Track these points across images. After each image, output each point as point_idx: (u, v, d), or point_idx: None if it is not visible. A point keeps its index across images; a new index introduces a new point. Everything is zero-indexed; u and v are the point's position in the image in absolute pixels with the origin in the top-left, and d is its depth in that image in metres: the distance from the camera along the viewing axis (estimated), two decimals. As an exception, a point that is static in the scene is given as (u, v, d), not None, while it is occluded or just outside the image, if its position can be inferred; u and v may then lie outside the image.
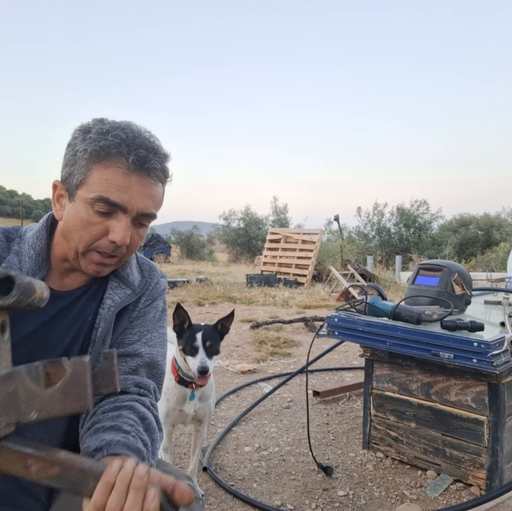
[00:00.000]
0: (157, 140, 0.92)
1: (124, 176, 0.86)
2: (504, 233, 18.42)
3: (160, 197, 0.94)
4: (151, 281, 1.04)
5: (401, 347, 1.90)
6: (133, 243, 0.91)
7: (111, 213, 0.87)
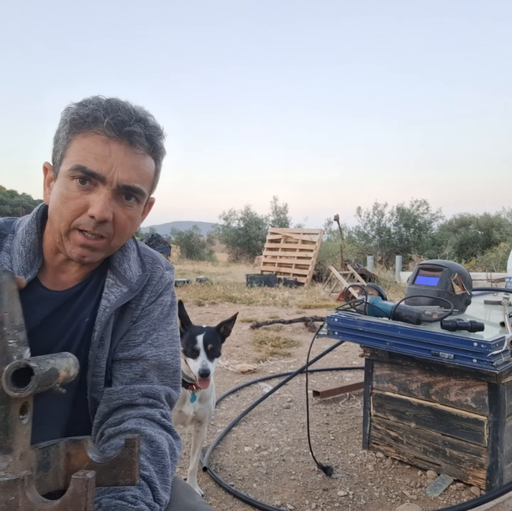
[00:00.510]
0: (149, 115, 0.84)
1: (103, 144, 0.78)
2: (504, 233, 18.42)
3: (148, 172, 0.84)
4: (154, 274, 0.94)
5: (401, 347, 1.90)
6: (119, 222, 0.82)
7: (91, 187, 0.79)
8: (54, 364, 0.56)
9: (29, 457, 0.59)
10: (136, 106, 0.83)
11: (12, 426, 0.55)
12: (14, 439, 0.56)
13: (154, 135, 0.83)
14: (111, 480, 0.63)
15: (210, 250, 24.94)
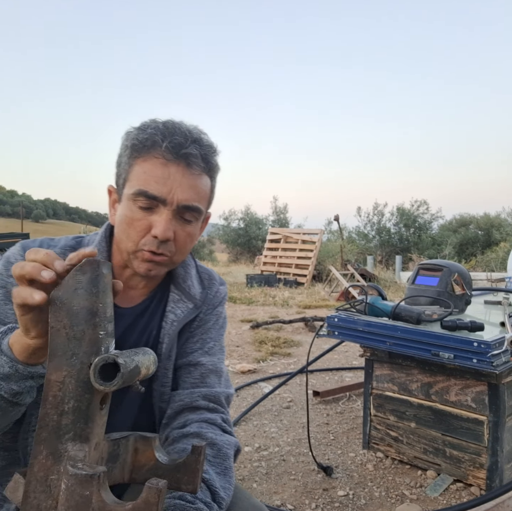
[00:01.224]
0: (202, 134, 0.87)
1: (162, 167, 0.82)
2: (504, 233, 18.43)
3: (205, 190, 0.88)
4: (211, 290, 1.01)
5: (401, 347, 1.90)
6: (180, 240, 0.86)
7: (153, 208, 0.83)
8: (138, 361, 0.57)
9: (102, 447, 0.60)
10: (191, 126, 0.87)
11: (92, 416, 0.56)
12: (93, 429, 0.56)
13: (209, 154, 0.86)
14: (174, 484, 0.63)
15: (210, 250, 24.95)
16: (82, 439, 0.55)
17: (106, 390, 0.53)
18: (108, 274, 0.60)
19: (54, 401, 0.55)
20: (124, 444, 0.64)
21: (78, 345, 0.55)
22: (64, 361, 0.55)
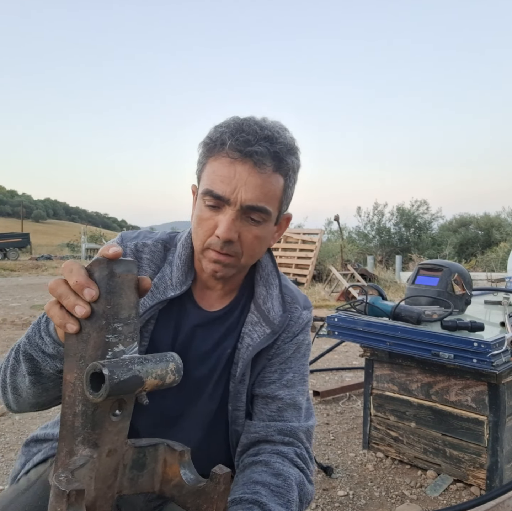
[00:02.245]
0: (281, 130, 0.82)
1: (229, 166, 0.79)
2: (504, 233, 18.45)
3: (274, 190, 0.82)
4: (292, 315, 0.94)
5: (401, 347, 1.90)
6: (246, 241, 0.82)
7: (219, 208, 0.81)
8: (138, 371, 0.52)
9: (122, 454, 0.58)
10: (270, 122, 0.83)
11: (100, 422, 0.54)
12: (101, 435, 0.54)
13: (281, 152, 0.81)
14: (194, 508, 0.60)
15: (210, 251, 24.92)
16: (90, 444, 0.54)
17: (94, 400, 0.50)
18: (123, 273, 0.56)
19: (69, 401, 0.54)
20: (152, 453, 0.62)
21: (85, 347, 0.54)
22: (74, 363, 0.54)
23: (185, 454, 0.62)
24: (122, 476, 0.59)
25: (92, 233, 34.91)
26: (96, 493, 0.55)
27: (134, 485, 0.60)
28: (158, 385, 0.54)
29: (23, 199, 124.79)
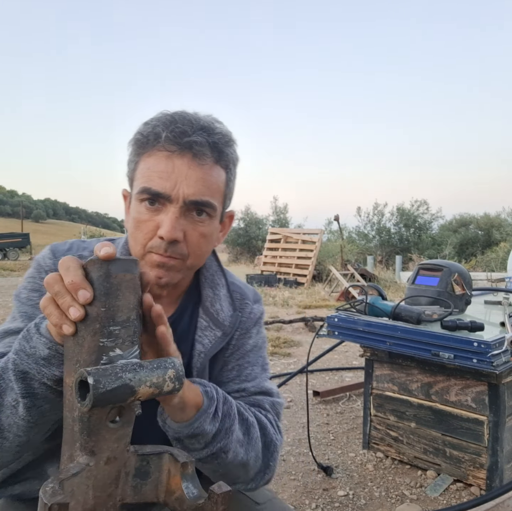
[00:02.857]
0: (216, 122, 0.78)
1: (166, 160, 0.74)
2: (504, 233, 18.45)
3: (217, 183, 0.78)
4: (243, 311, 0.91)
5: (401, 347, 1.90)
6: (192, 241, 0.77)
7: (160, 206, 0.75)
8: (130, 379, 0.49)
9: (123, 461, 0.56)
10: (203, 115, 0.78)
11: (96, 429, 0.52)
12: (98, 443, 0.53)
13: (220, 142, 0.77)
14: None
15: (210, 251, 24.91)
16: (86, 451, 0.53)
17: (81, 409, 0.48)
18: (120, 274, 0.53)
19: (69, 405, 0.53)
20: (156, 462, 0.59)
21: (80, 351, 0.52)
22: (72, 366, 0.53)
23: (189, 466, 0.58)
24: (124, 484, 0.57)
25: (92, 233, 34.93)
26: (95, 501, 0.53)
27: (138, 493, 0.58)
28: (155, 393, 0.51)
29: (23, 199, 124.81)
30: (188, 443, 0.73)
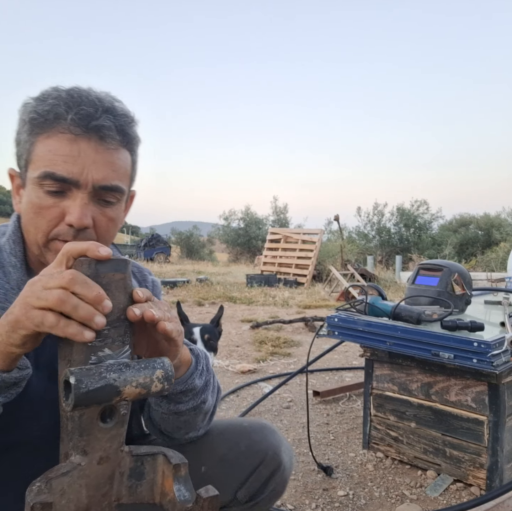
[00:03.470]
0: (116, 101, 0.76)
1: (70, 143, 0.70)
2: (504, 233, 18.44)
3: (125, 167, 0.77)
4: (146, 282, 0.93)
5: (401, 347, 1.90)
6: (101, 226, 0.75)
7: (65, 192, 0.72)
8: (114, 379, 0.49)
9: (117, 462, 0.56)
10: (101, 93, 0.75)
11: (87, 429, 0.52)
12: (90, 442, 0.53)
13: (125, 124, 0.76)
14: None
15: (210, 250, 24.97)
16: (78, 450, 0.53)
17: (66, 409, 0.48)
18: (109, 273, 0.54)
19: (62, 404, 0.52)
20: (151, 463, 0.59)
21: (70, 351, 0.53)
22: (64, 366, 0.53)
23: (181, 468, 0.58)
24: (119, 484, 0.57)
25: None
26: (89, 500, 0.53)
27: (133, 494, 0.59)
28: (142, 393, 0.52)
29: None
30: (177, 398, 0.77)
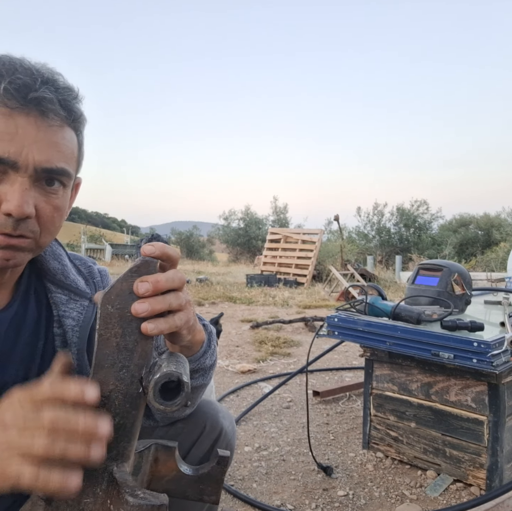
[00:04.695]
0: (56, 74, 0.66)
1: (5, 118, 0.60)
2: (504, 233, 18.45)
3: (71, 147, 0.68)
4: (93, 273, 0.85)
5: (401, 347, 1.90)
6: (45, 215, 0.66)
7: (0, 176, 0.62)
8: (180, 373, 0.49)
9: (132, 462, 0.56)
10: (37, 63, 0.65)
11: (135, 433, 0.52)
12: (133, 447, 0.53)
13: (69, 99, 0.66)
14: (196, 495, 0.61)
15: (210, 250, 24.99)
16: (124, 458, 0.51)
17: (166, 410, 0.48)
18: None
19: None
20: (146, 455, 0.61)
21: (130, 356, 0.50)
22: (112, 374, 0.50)
23: (176, 449, 0.63)
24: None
25: (92, 233, 34.92)
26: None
27: None
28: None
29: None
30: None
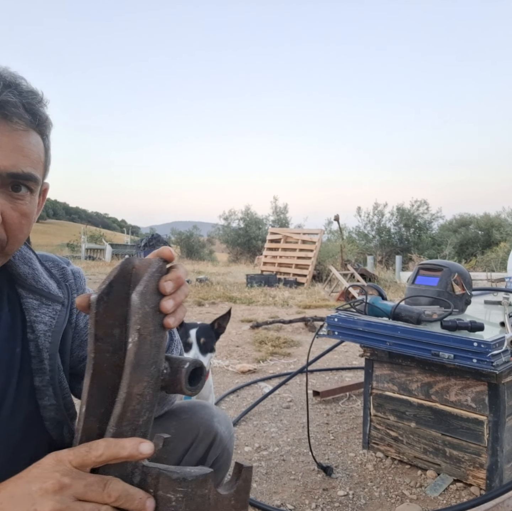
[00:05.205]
0: (19, 77, 0.66)
1: None
2: (504, 233, 18.45)
3: (37, 152, 0.67)
4: (66, 275, 0.83)
5: (401, 347, 1.90)
6: (12, 222, 0.64)
7: None
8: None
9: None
10: (1, 68, 0.65)
11: (152, 424, 0.55)
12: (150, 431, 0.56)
13: (34, 103, 0.66)
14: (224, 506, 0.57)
15: (210, 250, 24.97)
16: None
17: (193, 394, 0.54)
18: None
19: (132, 417, 0.52)
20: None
21: (157, 352, 0.52)
22: (145, 371, 0.51)
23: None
24: None
25: (92, 234, 34.93)
26: None
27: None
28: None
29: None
30: None
